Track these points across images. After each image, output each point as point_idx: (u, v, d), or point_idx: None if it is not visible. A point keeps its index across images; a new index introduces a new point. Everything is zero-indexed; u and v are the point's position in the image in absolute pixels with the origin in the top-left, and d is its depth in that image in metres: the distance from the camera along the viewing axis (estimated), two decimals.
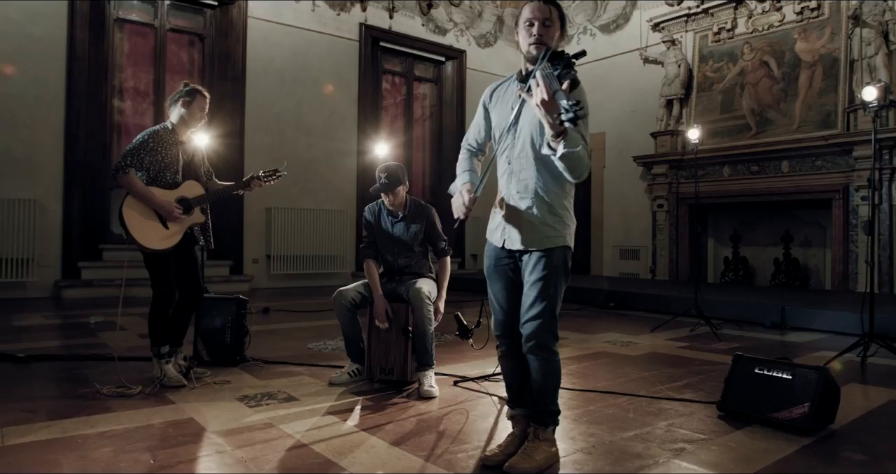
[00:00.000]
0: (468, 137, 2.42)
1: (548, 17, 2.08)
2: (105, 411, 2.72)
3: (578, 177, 2.01)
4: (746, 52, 8.14)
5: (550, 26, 2.08)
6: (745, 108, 8.09)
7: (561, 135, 1.90)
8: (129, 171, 3.07)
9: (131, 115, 7.86)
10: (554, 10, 2.10)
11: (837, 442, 2.54)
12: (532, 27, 2.08)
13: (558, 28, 2.11)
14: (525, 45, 2.11)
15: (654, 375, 3.66)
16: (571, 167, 1.96)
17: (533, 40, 2.08)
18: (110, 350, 4.05)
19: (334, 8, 9.30)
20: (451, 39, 10.83)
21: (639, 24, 9.55)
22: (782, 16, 7.81)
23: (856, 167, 6.96)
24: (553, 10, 2.10)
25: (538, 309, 2.09)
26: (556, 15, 2.10)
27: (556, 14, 2.10)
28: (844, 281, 7.13)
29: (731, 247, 8.59)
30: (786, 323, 5.57)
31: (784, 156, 7.64)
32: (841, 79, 7.18)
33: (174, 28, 8.13)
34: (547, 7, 2.09)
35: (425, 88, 10.98)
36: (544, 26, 2.07)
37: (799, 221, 8.07)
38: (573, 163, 1.95)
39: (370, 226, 3.54)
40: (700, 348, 4.59)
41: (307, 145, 8.99)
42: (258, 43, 8.52)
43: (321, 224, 9.07)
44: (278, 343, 4.51)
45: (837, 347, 4.37)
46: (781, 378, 2.75)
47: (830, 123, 7.23)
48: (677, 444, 2.45)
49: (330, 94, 9.20)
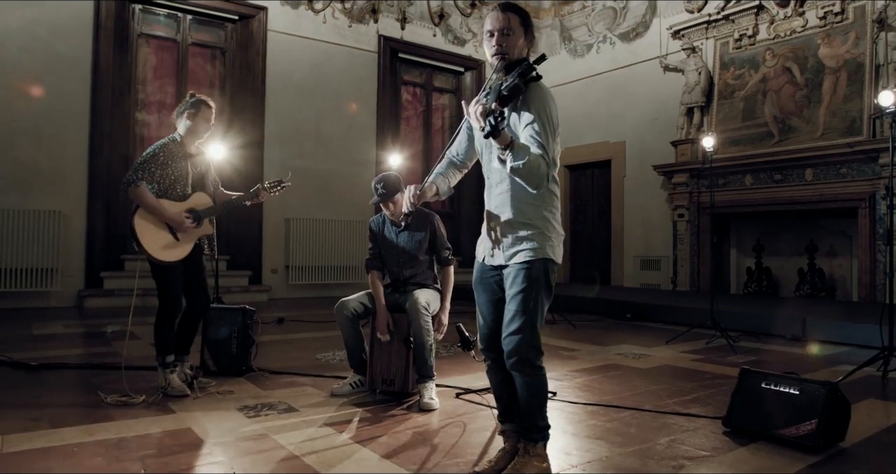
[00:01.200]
0: (451, 147, 2.41)
1: (506, 26, 2.06)
2: (106, 420, 2.75)
3: (535, 187, 2.00)
4: (768, 58, 7.99)
5: (511, 35, 2.06)
6: (768, 115, 7.93)
7: (507, 147, 1.91)
8: (140, 185, 3.13)
9: (154, 128, 8.02)
10: (514, 17, 2.08)
11: (846, 461, 2.44)
12: (492, 38, 2.08)
13: (521, 35, 2.09)
14: (488, 56, 2.12)
15: (662, 389, 3.58)
16: (524, 178, 1.96)
17: (493, 52, 2.08)
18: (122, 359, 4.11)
19: (353, 20, 9.40)
20: (469, 50, 10.87)
21: (659, 32, 9.45)
22: (805, 21, 7.65)
23: (882, 175, 6.76)
24: (512, 18, 2.07)
25: (518, 323, 2.04)
26: (516, 22, 2.08)
27: (516, 21, 2.08)
28: (872, 292, 6.91)
29: (754, 258, 8.40)
30: (807, 335, 5.41)
31: (808, 164, 7.46)
32: (866, 84, 6.99)
33: (196, 42, 8.30)
34: (505, 16, 2.07)
35: (445, 99, 11.01)
36: (504, 36, 2.06)
37: (824, 231, 7.86)
38: (523, 175, 1.94)
39: (374, 237, 3.54)
40: (715, 361, 4.48)
41: (326, 157, 9.07)
42: (278, 56, 8.64)
43: (340, 235, 9.12)
44: (287, 353, 4.53)
45: (858, 361, 4.22)
46: (788, 393, 2.66)
47: (856, 130, 7.04)
48: (676, 461, 2.38)
49: (353, 111, 9.27)
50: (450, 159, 2.38)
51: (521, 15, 2.11)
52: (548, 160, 1.98)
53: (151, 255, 3.15)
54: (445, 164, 2.36)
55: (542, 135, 1.99)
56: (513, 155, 1.90)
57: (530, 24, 2.14)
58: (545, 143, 1.99)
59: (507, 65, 2.07)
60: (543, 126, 2.01)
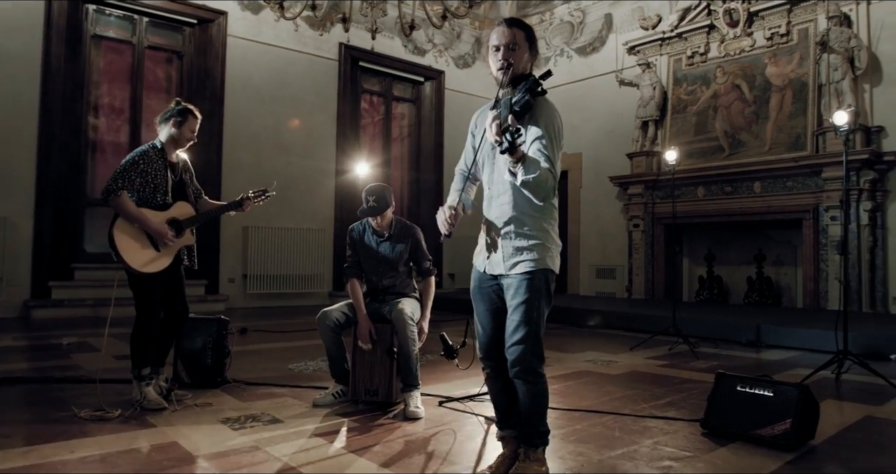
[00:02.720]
0: (460, 162, 2.46)
1: (512, 41, 2.10)
2: (84, 435, 2.65)
3: (542, 199, 2.06)
4: (719, 75, 8.37)
5: (516, 49, 2.11)
6: (719, 129, 8.29)
7: (519, 161, 1.95)
8: (121, 194, 3.04)
9: (106, 133, 7.76)
10: (519, 32, 2.13)
11: (819, 458, 2.58)
12: (498, 52, 2.12)
13: (526, 50, 2.14)
14: (493, 70, 2.15)
15: (636, 393, 3.69)
16: (532, 191, 2.01)
17: (499, 66, 2.12)
18: (85, 372, 3.96)
19: (314, 27, 9.35)
20: (429, 60, 10.95)
21: (615, 47, 9.76)
22: (753, 41, 8.06)
23: (825, 188, 7.16)
24: (518, 33, 2.12)
25: (522, 333, 2.09)
26: (521, 37, 2.13)
27: (521, 37, 2.13)
28: (816, 299, 7.29)
29: (706, 266, 8.73)
30: (761, 340, 5.66)
31: (756, 177, 7.83)
32: (810, 102, 7.41)
33: (152, 45, 8.08)
34: (511, 31, 2.12)
35: (404, 108, 11.05)
36: (510, 50, 2.10)
37: (771, 240, 8.25)
38: (532, 189, 1.99)
39: (355, 245, 3.53)
40: (679, 366, 4.65)
41: (285, 164, 8.94)
42: (237, 61, 8.50)
43: (299, 243, 9.01)
44: (258, 364, 4.44)
45: (811, 364, 4.46)
46: (763, 395, 2.80)
47: (800, 145, 7.44)
48: (664, 462, 2.47)
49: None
50: (462, 175, 2.41)
51: (526, 30, 2.16)
52: (554, 174, 2.05)
53: (131, 266, 3.05)
54: (461, 181, 2.38)
55: (549, 149, 2.05)
56: (524, 169, 1.95)
57: (535, 39, 2.19)
58: (552, 157, 2.05)
59: (512, 79, 2.12)
60: (551, 141, 2.07)
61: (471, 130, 2.39)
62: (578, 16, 10.48)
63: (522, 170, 1.94)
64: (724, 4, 8.22)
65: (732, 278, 8.65)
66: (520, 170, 1.94)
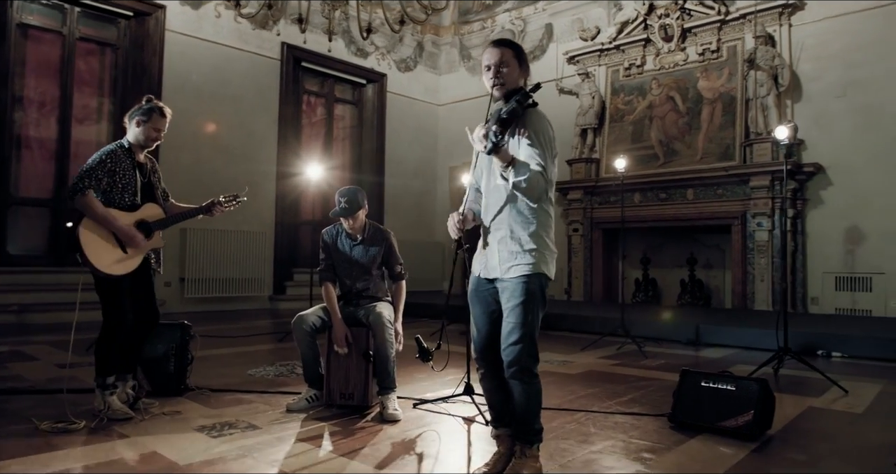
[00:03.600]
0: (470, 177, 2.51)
1: (501, 60, 2.22)
2: (53, 448, 2.51)
3: (535, 201, 2.18)
4: (654, 87, 8.79)
5: (507, 67, 2.23)
6: (654, 138, 8.70)
7: (509, 164, 2.06)
8: (87, 193, 2.89)
9: (34, 128, 7.30)
10: (507, 51, 2.25)
11: (779, 446, 2.79)
12: (489, 71, 2.24)
13: (516, 66, 2.26)
14: (488, 87, 2.27)
15: (599, 391, 3.84)
16: (525, 193, 2.12)
17: (492, 83, 2.24)
18: (31, 382, 3.74)
19: (256, 25, 9.14)
20: (372, 62, 10.92)
21: (555, 56, 10.06)
22: (686, 56, 8.51)
23: (752, 196, 7.65)
24: (506, 52, 2.24)
25: (517, 335, 2.17)
26: (510, 55, 2.24)
27: (510, 55, 2.24)
28: (744, 300, 7.77)
29: (642, 269, 9.13)
30: (700, 339, 5.99)
31: (689, 185, 8.27)
32: (738, 115, 7.91)
33: (85, 37, 7.67)
34: (499, 50, 2.24)
35: (345, 110, 10.97)
36: (500, 68, 2.22)
37: (701, 245, 8.73)
38: (524, 190, 2.11)
39: (328, 248, 3.51)
40: (631, 365, 4.85)
41: (225, 164, 8.69)
42: (176, 57, 8.20)
43: (239, 246, 8.77)
44: (214, 370, 4.31)
45: (749, 360, 4.78)
46: (726, 389, 2.99)
47: (730, 155, 7.92)
48: (642, 454, 2.60)
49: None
50: (473, 187, 2.49)
51: (514, 49, 2.28)
52: (546, 177, 2.14)
53: (98, 269, 2.91)
54: (472, 193, 2.47)
55: (540, 154, 2.15)
56: (515, 171, 2.06)
57: (524, 56, 2.32)
58: (543, 162, 2.14)
59: (505, 94, 2.23)
60: (541, 146, 2.17)
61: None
62: (520, 24, 10.74)
63: (513, 173, 2.05)
64: (659, 20, 8.64)
65: (666, 281, 9.09)
66: (510, 173, 2.04)
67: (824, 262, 7.40)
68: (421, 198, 11.84)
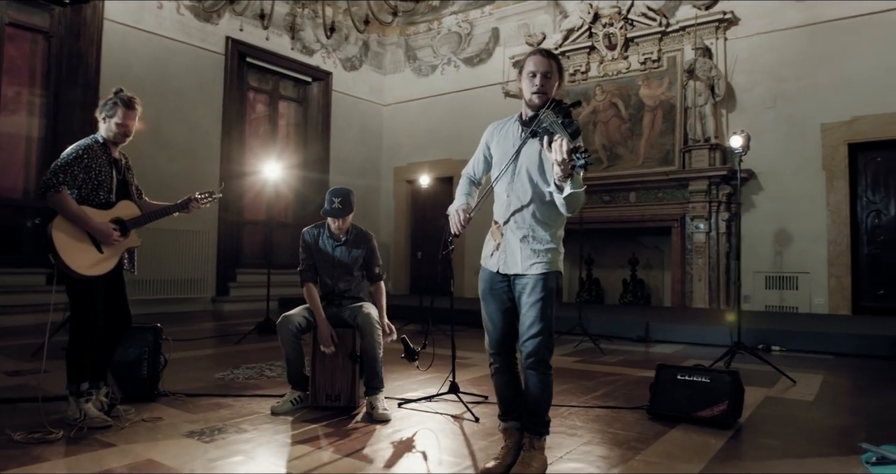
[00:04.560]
0: (468, 168, 2.59)
1: (548, 70, 2.29)
2: (36, 460, 2.37)
3: (572, 211, 2.24)
4: (598, 93, 9.11)
5: (550, 77, 2.30)
6: (598, 143, 9.02)
7: (569, 177, 2.12)
8: (61, 190, 2.74)
9: None
10: (553, 62, 2.32)
11: (751, 432, 2.99)
12: (535, 78, 2.29)
13: (557, 78, 2.34)
14: (528, 93, 2.32)
15: (572, 387, 3.97)
16: (571, 204, 2.19)
17: (535, 90, 2.29)
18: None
19: (200, 18, 8.84)
20: (317, 60, 10.77)
21: (502, 60, 10.25)
22: (629, 64, 8.87)
23: (691, 199, 8.08)
24: (553, 63, 2.32)
25: (538, 328, 2.26)
26: (555, 67, 2.32)
27: (555, 66, 2.32)
28: (682, 298, 8.18)
29: (586, 269, 9.43)
30: (650, 336, 6.27)
31: (632, 188, 8.62)
32: (678, 122, 8.32)
33: (14, 22, 7.19)
34: (547, 61, 2.31)
35: (290, 108, 10.76)
36: (545, 78, 2.29)
37: (642, 246, 9.11)
38: (573, 201, 2.18)
39: (309, 248, 3.47)
40: (592, 361, 5.03)
41: (167, 160, 8.35)
42: (115, 47, 7.82)
43: (180, 246, 8.46)
44: (181, 374, 4.15)
45: (697, 355, 5.05)
46: (701, 381, 3.17)
47: (669, 161, 8.32)
48: (632, 443, 2.73)
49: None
50: (469, 179, 2.57)
51: (558, 62, 2.35)
52: None
53: (72, 269, 2.76)
54: (468, 184, 2.55)
55: None
56: (573, 184, 2.09)
57: (563, 69, 2.39)
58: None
59: (541, 103, 2.27)
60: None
61: (486, 141, 2.51)
62: (466, 27, 10.86)
63: (571, 185, 2.09)
64: (604, 29, 8.97)
65: (608, 280, 9.43)
66: (568, 184, 2.09)
67: (756, 262, 7.90)
68: (366, 197, 11.75)
